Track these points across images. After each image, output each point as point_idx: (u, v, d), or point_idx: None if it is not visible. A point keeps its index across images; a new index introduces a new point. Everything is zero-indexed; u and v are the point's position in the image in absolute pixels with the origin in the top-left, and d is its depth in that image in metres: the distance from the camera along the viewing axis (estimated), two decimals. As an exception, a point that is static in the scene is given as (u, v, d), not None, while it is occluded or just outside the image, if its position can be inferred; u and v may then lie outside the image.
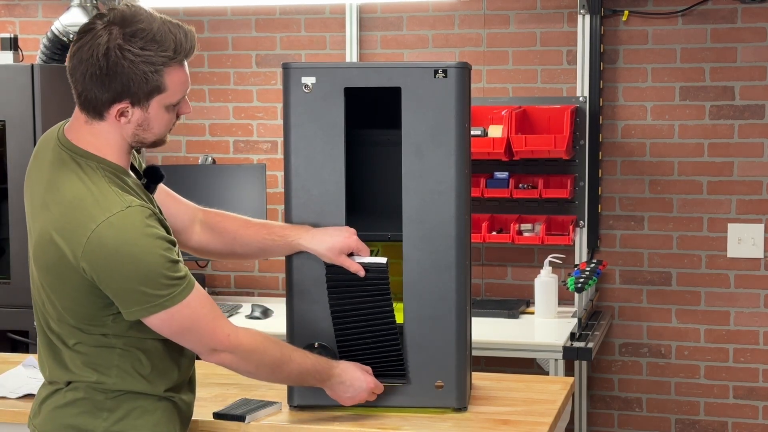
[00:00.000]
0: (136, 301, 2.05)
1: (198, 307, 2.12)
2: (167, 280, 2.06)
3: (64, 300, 2.10)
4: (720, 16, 4.05)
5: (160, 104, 2.09)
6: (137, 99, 2.06)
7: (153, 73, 2.04)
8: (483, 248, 4.30)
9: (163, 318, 2.08)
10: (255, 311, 4.02)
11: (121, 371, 2.14)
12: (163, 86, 2.06)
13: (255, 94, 4.52)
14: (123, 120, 2.08)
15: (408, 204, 2.42)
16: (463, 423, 2.42)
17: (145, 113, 2.08)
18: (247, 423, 2.41)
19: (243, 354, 2.20)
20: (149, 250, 2.03)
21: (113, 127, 2.09)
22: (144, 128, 2.11)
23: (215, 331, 2.15)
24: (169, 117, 2.13)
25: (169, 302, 2.07)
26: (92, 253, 2.01)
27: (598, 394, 4.31)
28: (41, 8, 4.59)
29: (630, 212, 4.20)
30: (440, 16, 4.30)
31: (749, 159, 4.07)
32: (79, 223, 2.02)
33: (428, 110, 2.40)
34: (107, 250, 2.01)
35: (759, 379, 4.14)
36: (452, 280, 2.43)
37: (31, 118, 3.77)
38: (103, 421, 2.14)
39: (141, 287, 2.03)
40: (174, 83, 2.08)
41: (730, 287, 4.14)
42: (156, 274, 2.04)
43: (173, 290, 2.07)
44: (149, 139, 2.14)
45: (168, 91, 2.08)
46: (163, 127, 2.14)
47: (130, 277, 2.02)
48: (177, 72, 2.08)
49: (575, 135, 4.05)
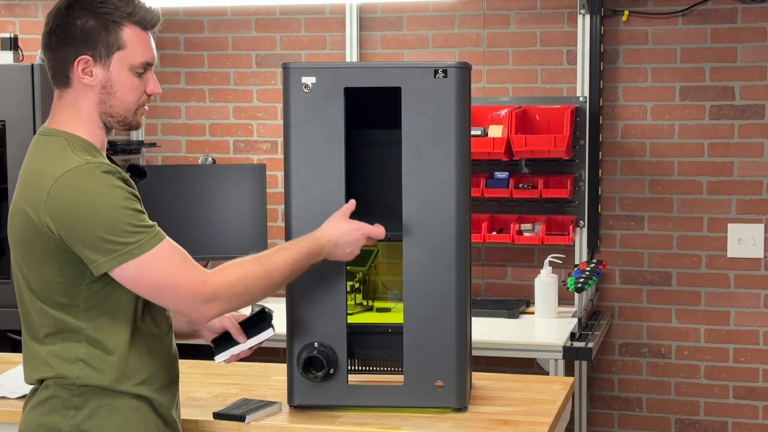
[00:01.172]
0: (102, 250, 2.02)
1: (170, 257, 2.08)
2: (132, 228, 2.03)
3: (35, 273, 2.10)
4: (720, 16, 4.05)
5: (121, 63, 2.11)
6: (98, 52, 2.10)
7: (112, 23, 2.10)
8: (483, 248, 4.30)
9: (134, 270, 2.04)
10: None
11: (86, 365, 2.11)
12: (121, 41, 2.10)
13: (255, 94, 4.52)
14: (87, 79, 2.11)
15: (408, 204, 2.42)
16: (463, 423, 2.42)
17: (107, 72, 2.11)
18: (247, 423, 2.41)
19: (228, 293, 2.13)
20: (108, 198, 2.03)
21: (81, 94, 2.12)
22: (108, 91, 2.12)
23: (191, 282, 2.09)
24: (133, 84, 2.13)
25: (137, 250, 2.03)
26: (53, 208, 2.03)
27: (598, 394, 4.31)
28: (41, 8, 4.59)
29: (630, 212, 4.20)
30: (440, 16, 4.30)
31: (749, 159, 4.07)
32: (39, 184, 2.05)
33: (428, 110, 2.40)
34: (66, 201, 2.02)
35: (759, 379, 4.14)
36: (452, 280, 2.43)
37: (31, 118, 3.78)
38: (69, 420, 2.12)
39: (105, 235, 2.01)
40: (133, 42, 2.12)
41: (730, 287, 4.14)
42: (118, 221, 2.02)
43: (140, 238, 2.04)
44: (116, 108, 2.13)
45: (127, 49, 2.11)
46: (128, 95, 2.13)
47: (93, 224, 2.01)
48: (137, 32, 2.13)
49: (575, 135, 4.05)
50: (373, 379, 2.56)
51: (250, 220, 4.22)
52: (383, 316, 2.69)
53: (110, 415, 2.13)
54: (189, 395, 2.57)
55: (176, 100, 4.58)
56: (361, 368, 2.57)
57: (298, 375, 2.46)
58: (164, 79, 4.54)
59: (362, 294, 2.73)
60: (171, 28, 4.47)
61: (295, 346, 2.47)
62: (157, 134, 4.61)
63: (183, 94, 4.57)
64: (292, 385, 2.49)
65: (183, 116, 4.59)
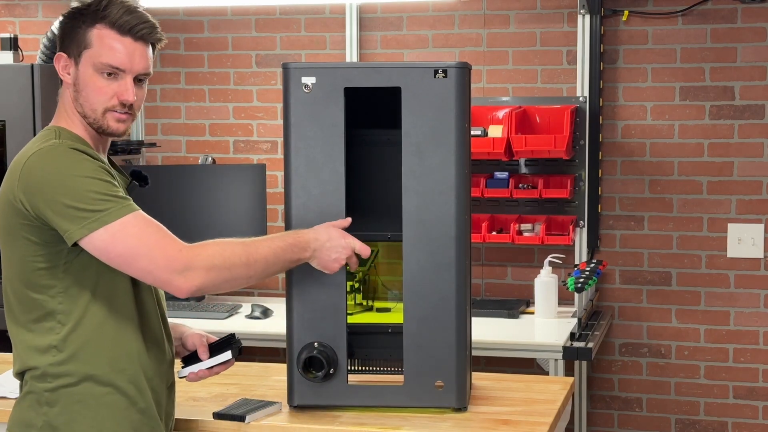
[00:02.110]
0: (72, 218, 2.03)
1: (143, 226, 2.07)
2: (101, 196, 2.04)
3: (15, 254, 2.11)
4: (720, 16, 4.05)
5: (87, 62, 2.15)
6: (71, 51, 2.17)
7: (82, 24, 2.16)
8: (483, 248, 4.30)
9: (105, 238, 2.03)
10: (255, 311, 4.02)
11: (59, 353, 2.11)
12: (88, 41, 2.15)
13: (255, 94, 4.52)
14: (66, 77, 2.18)
15: (408, 204, 2.42)
16: (463, 423, 2.42)
17: (78, 70, 2.16)
18: (247, 423, 2.41)
19: (205, 263, 2.10)
20: (77, 168, 2.06)
21: (65, 91, 2.20)
22: (77, 89, 2.17)
23: (166, 249, 2.07)
24: (97, 85, 2.15)
25: (108, 218, 2.03)
26: (25, 183, 2.06)
27: (598, 394, 4.31)
28: (41, 8, 4.59)
29: (630, 212, 4.20)
30: (440, 16, 4.30)
31: (749, 159, 4.07)
32: (16, 165, 2.10)
33: (428, 110, 2.40)
34: (36, 174, 2.06)
35: (759, 379, 4.14)
36: (452, 280, 2.43)
37: (31, 118, 3.78)
38: (42, 416, 2.12)
39: (74, 203, 2.03)
40: (100, 43, 2.15)
41: (730, 287, 4.14)
42: (87, 189, 2.03)
43: (112, 206, 2.04)
44: (85, 108, 2.16)
45: (93, 48, 2.15)
46: (91, 94, 2.16)
47: (62, 193, 2.03)
48: (108, 35, 2.15)
49: (575, 135, 4.05)
50: (373, 379, 2.56)
51: (250, 220, 4.22)
52: (383, 316, 2.69)
53: (82, 411, 2.12)
54: (189, 395, 2.57)
55: (176, 100, 4.58)
56: (361, 368, 2.57)
57: (298, 375, 2.46)
58: (164, 79, 4.54)
59: (362, 294, 2.73)
60: (171, 28, 4.46)
61: (295, 346, 2.47)
62: (157, 134, 4.61)
63: (183, 94, 4.57)
64: (292, 385, 2.48)
65: (183, 116, 4.59)
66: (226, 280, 2.14)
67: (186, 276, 2.08)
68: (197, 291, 2.11)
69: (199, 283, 2.09)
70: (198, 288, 2.10)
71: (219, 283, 2.14)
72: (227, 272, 2.13)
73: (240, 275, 2.16)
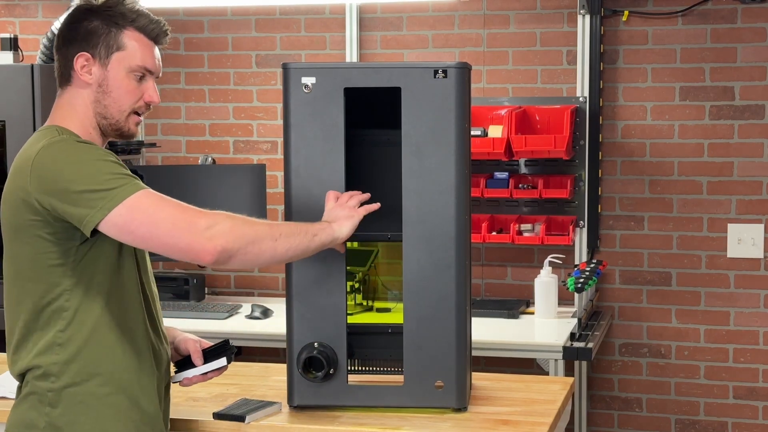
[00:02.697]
0: (88, 202, 2.02)
1: (158, 197, 2.05)
2: (113, 176, 2.04)
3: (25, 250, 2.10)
4: (720, 16, 4.05)
5: (120, 64, 2.17)
6: (97, 52, 2.16)
7: (113, 25, 2.17)
8: (483, 248, 4.30)
9: (123, 213, 2.01)
10: (255, 311, 4.02)
11: (62, 350, 2.11)
12: (121, 43, 2.17)
13: (255, 94, 4.52)
14: (86, 77, 2.16)
15: (408, 204, 2.42)
16: (463, 423, 2.42)
17: (105, 71, 2.16)
18: (247, 423, 2.41)
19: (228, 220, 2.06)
20: (87, 155, 2.07)
21: (78, 91, 2.17)
22: (104, 90, 2.16)
23: (186, 212, 2.04)
24: (130, 86, 2.18)
25: (123, 193, 2.02)
26: (37, 177, 2.06)
27: (598, 394, 4.31)
28: (41, 8, 4.60)
29: (630, 212, 4.20)
30: (440, 16, 4.30)
31: (749, 159, 4.07)
32: (23, 164, 2.10)
33: (428, 110, 2.40)
34: (49, 167, 2.06)
35: (759, 379, 4.14)
36: (452, 280, 2.43)
37: (31, 118, 3.78)
38: (45, 416, 2.11)
39: (89, 187, 2.02)
40: (134, 46, 2.18)
41: (730, 287, 4.14)
42: (99, 171, 2.04)
43: (124, 182, 2.04)
44: (110, 109, 2.17)
45: (126, 50, 2.17)
46: (123, 96, 2.17)
47: (75, 180, 2.03)
48: (138, 38, 2.20)
49: (575, 135, 4.05)
50: (373, 379, 2.56)
51: (250, 220, 4.22)
52: (383, 316, 2.69)
53: (84, 411, 2.12)
54: (189, 395, 2.57)
55: (176, 100, 4.58)
56: (361, 368, 2.57)
57: (298, 375, 2.46)
58: (164, 79, 4.54)
59: (362, 294, 2.73)
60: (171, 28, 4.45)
61: (295, 346, 2.47)
62: (157, 134, 4.61)
63: (183, 94, 4.57)
64: (292, 385, 2.49)
65: (183, 116, 4.59)
66: (252, 241, 2.09)
67: (210, 236, 2.03)
68: (224, 253, 2.04)
69: (224, 242, 2.04)
70: (224, 248, 2.04)
71: (244, 244, 2.07)
72: (251, 230, 2.10)
73: (266, 246, 2.11)
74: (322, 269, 2.44)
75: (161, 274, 4.35)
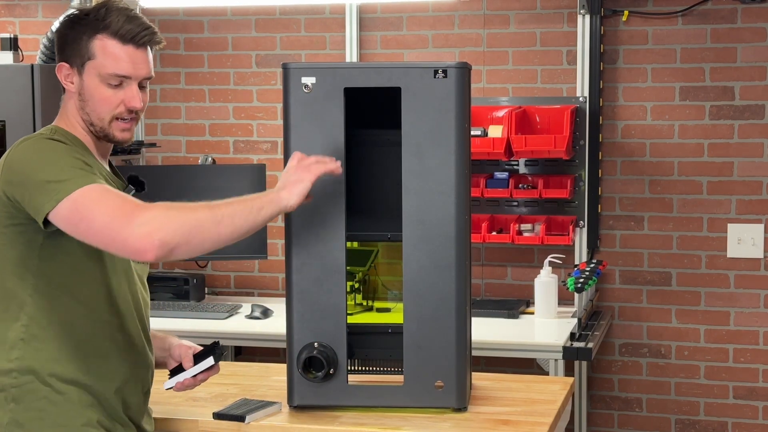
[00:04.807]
0: (43, 193, 2.04)
1: (104, 191, 2.05)
2: (67, 168, 2.06)
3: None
4: (720, 16, 4.05)
5: (93, 73, 2.18)
6: (73, 61, 2.19)
7: (83, 35, 2.17)
8: (483, 248, 4.30)
9: (68, 206, 2.02)
10: (255, 311, 4.02)
11: (26, 345, 2.11)
12: (91, 52, 2.17)
13: (255, 94, 4.52)
14: (69, 86, 2.21)
15: (408, 204, 2.42)
16: (463, 423, 2.42)
17: (82, 81, 2.19)
18: (247, 423, 2.41)
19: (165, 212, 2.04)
20: (53, 148, 2.10)
21: (68, 98, 2.23)
22: (83, 99, 2.19)
23: (124, 205, 2.03)
24: (105, 94, 2.18)
25: (72, 186, 2.03)
26: (7, 170, 2.12)
27: (598, 394, 4.31)
28: (41, 8, 4.59)
29: (630, 212, 4.20)
30: (440, 16, 4.30)
31: (749, 159, 4.07)
32: (3, 158, 2.15)
33: (428, 110, 2.40)
34: (16, 158, 2.11)
35: (759, 379, 4.14)
36: (452, 280, 2.43)
37: (31, 118, 3.77)
38: (9, 412, 2.11)
39: (46, 177, 2.04)
40: (104, 53, 2.17)
41: (730, 287, 4.14)
42: (58, 164, 2.06)
43: (75, 174, 2.05)
44: (91, 117, 2.19)
45: (96, 59, 2.17)
46: (98, 104, 2.19)
47: (36, 171, 2.06)
48: (111, 45, 2.17)
49: (575, 135, 4.05)
50: (373, 379, 2.56)
51: (250, 220, 4.21)
52: (383, 316, 2.69)
53: (47, 408, 2.12)
54: (189, 395, 2.57)
55: (176, 100, 4.58)
56: (361, 368, 2.57)
57: (298, 375, 2.46)
58: (164, 79, 4.54)
59: (362, 294, 2.73)
60: (171, 28, 4.46)
61: (295, 346, 2.47)
62: (157, 134, 4.61)
63: (183, 94, 4.57)
64: (292, 385, 2.49)
65: (183, 116, 4.59)
66: (192, 229, 2.04)
67: (148, 231, 1.99)
68: (163, 247, 2.00)
69: (163, 235, 1.99)
70: (162, 242, 1.99)
71: (185, 234, 2.03)
72: (191, 218, 2.05)
73: (208, 229, 2.06)
74: (322, 269, 2.44)
75: (161, 274, 4.35)
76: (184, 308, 4.07)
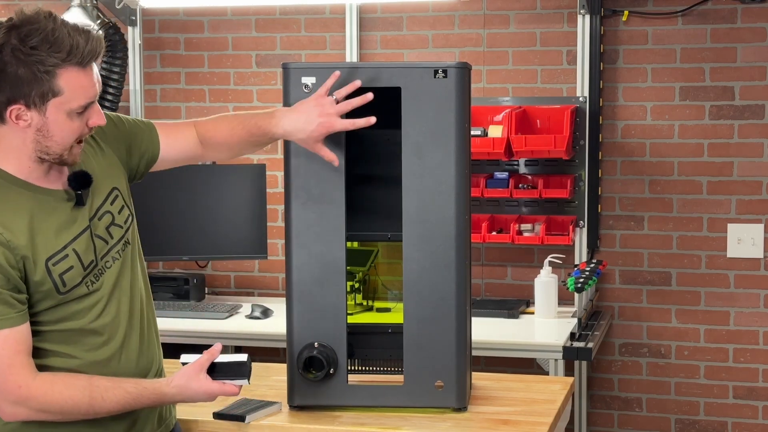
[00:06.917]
0: None
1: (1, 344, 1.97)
2: None
3: None
4: (720, 16, 4.05)
5: (58, 109, 2.00)
6: (31, 101, 1.98)
7: (44, 73, 1.96)
8: (483, 248, 4.30)
9: None
10: (255, 311, 4.02)
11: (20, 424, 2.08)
12: (57, 89, 1.98)
13: (255, 94, 4.52)
14: (22, 123, 2.00)
15: (408, 204, 2.42)
16: (463, 423, 2.43)
17: (43, 117, 2.00)
18: (247, 423, 2.41)
19: (39, 406, 2.02)
20: None
21: (14, 132, 2.02)
22: (44, 134, 2.01)
23: (8, 378, 1.98)
24: (72, 125, 2.03)
25: None
26: None
27: (598, 394, 4.31)
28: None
29: (630, 212, 4.20)
30: (440, 16, 4.30)
31: (749, 159, 4.07)
32: None
33: (428, 110, 2.41)
34: None
35: (759, 379, 4.14)
36: (452, 280, 2.44)
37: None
38: None
39: None
40: (71, 87, 1.99)
41: (730, 287, 4.14)
42: None
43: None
44: (53, 148, 2.03)
45: (64, 95, 1.99)
46: (66, 136, 2.03)
47: None
48: (75, 76, 1.99)
49: (575, 135, 4.05)
50: (373, 379, 2.56)
51: (250, 220, 4.22)
52: (383, 316, 2.70)
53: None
54: (189, 395, 2.57)
55: (176, 100, 4.58)
56: (361, 368, 2.58)
57: (298, 375, 2.47)
58: (164, 79, 4.54)
59: (362, 294, 2.74)
60: (171, 28, 4.46)
61: (295, 346, 2.47)
62: (157, 134, 4.60)
63: (183, 94, 4.57)
64: (292, 385, 2.49)
65: (183, 116, 4.59)
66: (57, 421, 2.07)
67: (14, 409, 2.02)
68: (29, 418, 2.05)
69: (25, 418, 2.04)
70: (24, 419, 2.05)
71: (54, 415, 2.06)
72: (60, 417, 2.06)
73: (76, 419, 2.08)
74: (322, 269, 2.44)
75: (161, 274, 4.35)
76: (184, 308, 4.07)
